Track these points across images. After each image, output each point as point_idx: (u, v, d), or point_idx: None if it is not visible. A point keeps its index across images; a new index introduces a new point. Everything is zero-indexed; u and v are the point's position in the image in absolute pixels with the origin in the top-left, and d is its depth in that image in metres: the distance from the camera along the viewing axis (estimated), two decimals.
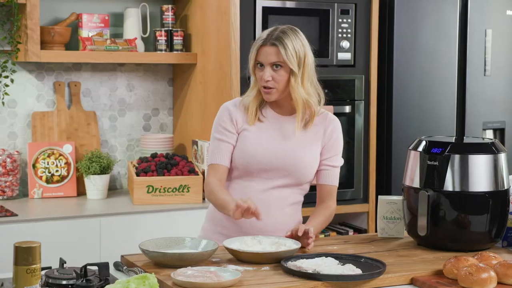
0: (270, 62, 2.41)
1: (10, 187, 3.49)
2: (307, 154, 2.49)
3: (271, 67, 2.42)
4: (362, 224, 3.91)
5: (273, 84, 2.43)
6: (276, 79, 2.42)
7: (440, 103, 3.93)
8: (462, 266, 2.03)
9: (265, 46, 2.42)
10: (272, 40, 2.42)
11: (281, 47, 2.41)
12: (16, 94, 3.60)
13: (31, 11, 3.35)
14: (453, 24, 3.93)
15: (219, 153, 2.48)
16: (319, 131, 2.51)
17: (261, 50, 2.43)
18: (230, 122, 2.49)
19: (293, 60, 2.42)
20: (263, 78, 2.42)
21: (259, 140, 2.47)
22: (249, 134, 2.48)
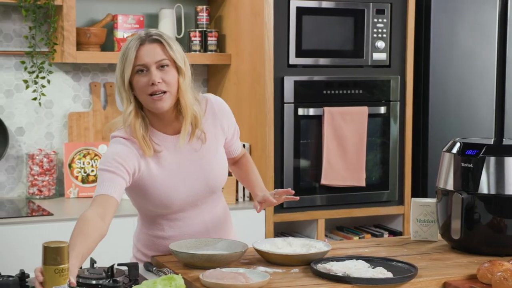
0: (155, 59, 2.05)
1: (47, 187, 3.53)
2: (218, 167, 2.25)
3: (157, 68, 2.06)
4: (397, 227, 3.86)
5: (165, 87, 2.06)
6: (167, 80, 2.06)
7: (478, 104, 3.86)
8: (496, 271, 1.99)
9: (144, 45, 2.06)
10: (151, 37, 2.08)
11: (164, 42, 2.08)
12: (53, 94, 3.64)
13: (67, 12, 3.39)
14: (492, 23, 3.85)
15: (111, 185, 2.03)
16: (216, 126, 2.23)
17: (141, 50, 2.05)
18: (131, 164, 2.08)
19: (179, 57, 2.09)
20: (150, 82, 2.04)
21: (170, 178, 2.15)
22: (155, 178, 2.13)
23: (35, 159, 3.52)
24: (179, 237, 2.27)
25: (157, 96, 2.07)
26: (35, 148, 3.61)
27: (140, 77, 2.07)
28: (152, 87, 2.06)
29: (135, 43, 2.07)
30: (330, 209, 3.65)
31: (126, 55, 2.07)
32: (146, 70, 2.07)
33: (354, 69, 3.67)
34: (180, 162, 2.20)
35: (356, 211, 3.71)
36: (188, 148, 2.21)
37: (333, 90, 3.61)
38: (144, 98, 2.09)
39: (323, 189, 3.62)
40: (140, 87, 2.07)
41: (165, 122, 2.16)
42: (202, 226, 2.31)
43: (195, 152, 2.21)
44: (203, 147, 2.23)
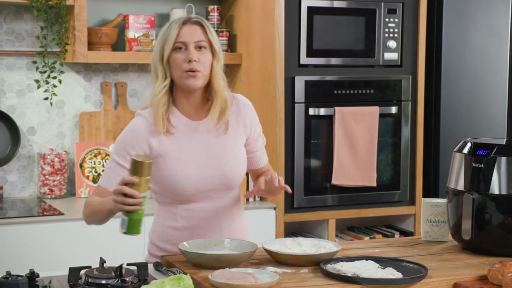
0: (195, 39, 2.17)
1: (58, 186, 3.55)
2: (236, 159, 2.28)
3: (195, 47, 2.17)
4: (408, 227, 3.85)
5: (200, 67, 2.16)
6: (202, 60, 2.17)
7: (490, 104, 3.84)
8: (507, 272, 1.97)
9: (187, 25, 2.18)
10: (193, 19, 2.21)
11: (205, 25, 2.20)
12: (64, 94, 3.65)
13: (79, 12, 3.40)
14: (505, 23, 3.83)
15: (111, 177, 2.19)
16: (239, 124, 2.29)
17: (183, 28, 2.17)
18: (139, 147, 2.18)
19: (217, 42, 2.22)
20: (188, 59, 2.15)
21: (182, 162, 2.20)
22: (168, 157, 2.20)
23: (47, 158, 3.53)
24: (191, 229, 2.29)
25: (192, 73, 2.17)
26: (47, 147, 3.63)
27: (179, 54, 2.18)
28: (189, 64, 2.16)
29: (178, 22, 2.19)
30: (341, 209, 3.64)
31: (168, 33, 2.18)
32: (185, 48, 2.18)
33: (365, 69, 3.66)
34: (195, 148, 2.24)
35: (367, 211, 3.70)
36: (207, 136, 2.25)
37: (344, 90, 3.60)
38: (179, 74, 2.18)
39: (334, 189, 3.61)
40: (177, 63, 2.17)
41: (192, 105, 2.24)
42: (215, 221, 2.31)
43: (213, 141, 2.26)
44: (222, 138, 2.27)
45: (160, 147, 2.21)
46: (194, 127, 2.25)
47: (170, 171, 2.22)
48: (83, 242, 3.12)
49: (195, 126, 2.25)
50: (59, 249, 3.09)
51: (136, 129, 2.21)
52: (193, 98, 2.24)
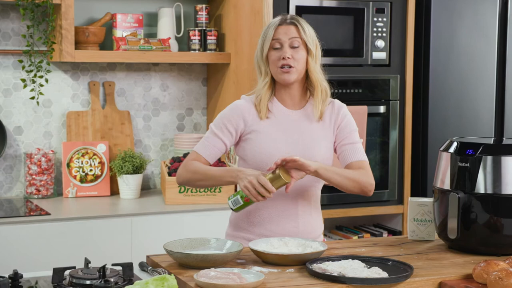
0: (289, 38, 2.39)
1: (45, 186, 3.53)
2: (323, 147, 2.44)
3: (289, 46, 2.40)
4: (396, 226, 3.85)
5: (293, 63, 2.39)
6: (296, 57, 2.39)
7: (478, 103, 3.84)
8: (492, 271, 1.98)
9: (282, 25, 2.42)
10: (288, 20, 2.43)
11: (299, 25, 2.42)
12: (51, 94, 3.63)
13: (66, 11, 3.38)
14: (492, 22, 3.84)
15: (208, 147, 2.43)
16: (331, 121, 2.47)
17: (279, 29, 2.41)
18: (235, 122, 2.43)
19: (311, 40, 2.43)
20: (282, 57, 2.38)
21: (273, 138, 2.41)
22: (261, 132, 2.42)
23: (33, 158, 3.51)
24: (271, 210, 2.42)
25: (286, 69, 2.39)
26: (33, 147, 3.61)
27: (275, 52, 2.41)
28: (282, 61, 2.38)
29: (275, 23, 2.43)
30: (330, 209, 3.63)
31: (266, 33, 2.43)
32: (280, 47, 2.40)
33: (353, 68, 3.66)
34: (286, 131, 2.43)
35: (355, 210, 3.69)
36: (299, 123, 2.44)
37: (333, 89, 3.58)
38: (275, 70, 2.42)
39: (323, 188, 3.58)
40: (273, 60, 2.41)
41: (291, 96, 2.46)
42: (293, 208, 2.43)
43: (304, 128, 2.44)
44: (313, 126, 2.44)
45: (254, 124, 2.43)
46: (289, 114, 2.46)
47: (261, 144, 2.41)
48: (70, 243, 3.11)
49: (290, 114, 2.46)
50: (45, 249, 3.07)
51: (237, 107, 2.46)
52: (291, 90, 2.46)
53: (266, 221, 2.43)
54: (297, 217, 2.45)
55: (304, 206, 2.46)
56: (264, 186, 2.22)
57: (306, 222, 2.47)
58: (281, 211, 2.44)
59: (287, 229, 2.42)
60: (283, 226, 2.43)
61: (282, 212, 2.44)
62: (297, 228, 2.44)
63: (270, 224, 2.43)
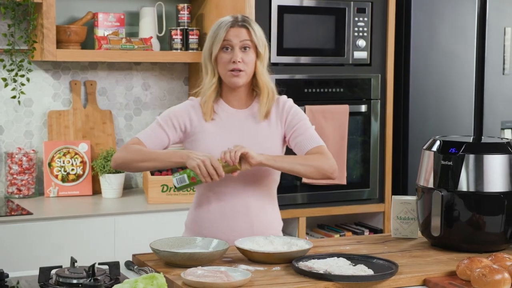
0: (240, 41, 2.36)
1: (26, 186, 3.51)
2: (271, 145, 2.41)
3: (240, 49, 2.37)
4: (378, 224, 3.88)
5: (243, 66, 2.37)
6: (246, 61, 2.37)
7: (457, 102, 3.89)
8: (475, 268, 2.01)
9: (234, 28, 2.38)
10: (240, 22, 2.39)
11: (250, 28, 2.39)
12: (33, 93, 3.61)
13: (47, 10, 3.36)
14: (471, 22, 3.89)
15: (152, 136, 2.42)
16: (277, 118, 2.44)
17: (230, 31, 2.37)
18: (182, 120, 2.42)
19: (261, 43, 2.41)
20: (232, 60, 2.35)
21: (217, 139, 2.39)
22: (206, 133, 2.41)
23: (14, 158, 3.49)
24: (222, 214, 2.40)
25: (236, 72, 2.36)
26: (14, 146, 3.59)
27: (225, 54, 2.37)
28: (233, 64, 2.36)
29: (226, 24, 2.38)
30: (311, 207, 3.66)
31: (217, 34, 2.39)
32: (231, 49, 2.37)
33: (335, 67, 3.68)
34: (232, 131, 2.41)
35: (337, 209, 3.72)
36: (245, 123, 2.42)
37: (315, 89, 3.62)
38: (224, 73, 2.39)
39: (305, 187, 3.63)
40: (223, 62, 2.38)
41: (237, 96, 2.44)
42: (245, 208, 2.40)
43: (250, 127, 2.42)
44: (259, 125, 2.42)
45: (199, 126, 2.43)
46: (234, 114, 2.44)
47: (206, 146, 2.39)
48: (53, 242, 3.09)
49: (235, 114, 2.44)
50: (28, 249, 3.05)
51: (186, 106, 2.47)
52: (238, 91, 2.44)
53: (217, 221, 2.40)
54: (249, 215, 2.42)
55: (257, 202, 2.42)
56: (215, 169, 2.23)
57: (261, 219, 2.43)
58: (232, 209, 2.40)
59: (240, 228, 2.39)
60: (236, 225, 2.39)
61: (234, 211, 2.40)
62: (251, 226, 2.40)
63: (222, 225, 2.40)
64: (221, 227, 2.41)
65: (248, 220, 2.42)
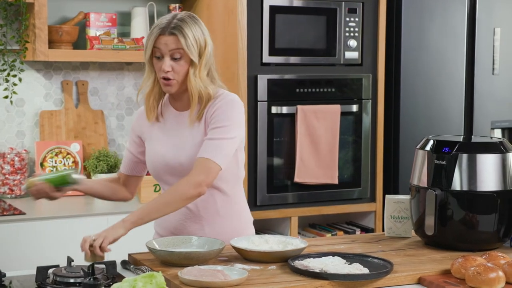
0: (170, 50, 2.27)
1: (18, 186, 3.50)
2: (189, 151, 2.33)
3: (170, 57, 2.28)
4: (369, 224, 3.90)
5: (173, 75, 2.29)
6: (176, 69, 2.28)
7: (448, 102, 3.92)
8: (470, 266, 2.03)
9: (163, 36, 2.27)
10: (170, 29, 2.26)
11: (181, 36, 2.26)
12: (24, 93, 3.61)
13: (39, 10, 3.36)
14: (461, 23, 3.92)
15: (123, 161, 2.53)
16: (206, 119, 2.34)
17: (160, 39, 2.27)
18: (136, 130, 2.46)
19: (194, 50, 2.28)
20: (162, 69, 2.29)
21: (161, 143, 2.37)
22: (152, 139, 2.40)
23: (6, 158, 3.48)
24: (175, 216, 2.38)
25: (166, 81, 2.32)
26: (6, 147, 3.58)
27: (157, 61, 2.32)
28: (163, 73, 2.31)
29: (157, 31, 2.29)
30: (303, 207, 3.67)
31: (148, 39, 2.32)
32: (161, 57, 2.30)
33: (326, 67, 3.70)
34: (174, 134, 2.38)
35: (328, 208, 3.73)
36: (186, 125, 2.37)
37: (306, 89, 3.63)
38: (158, 79, 2.35)
39: (296, 186, 3.64)
40: (156, 69, 2.34)
41: (176, 98, 2.41)
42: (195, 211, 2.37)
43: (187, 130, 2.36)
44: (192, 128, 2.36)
45: (148, 131, 2.43)
46: (176, 116, 2.41)
47: (153, 150, 2.41)
48: (46, 242, 3.09)
49: (177, 115, 2.41)
50: (20, 249, 3.05)
51: (136, 115, 2.49)
52: (178, 95, 2.39)
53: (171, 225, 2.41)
54: (200, 219, 2.38)
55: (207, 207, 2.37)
56: None
57: (212, 223, 2.38)
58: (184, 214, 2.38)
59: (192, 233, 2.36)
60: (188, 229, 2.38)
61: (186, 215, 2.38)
62: (202, 230, 2.37)
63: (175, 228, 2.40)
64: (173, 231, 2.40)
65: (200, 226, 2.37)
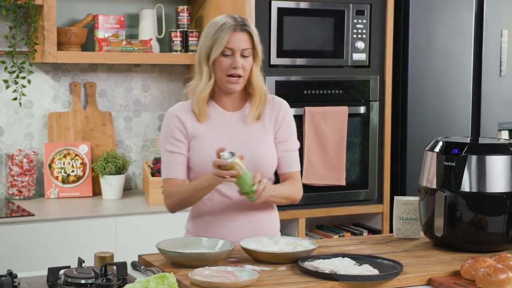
0: (242, 48, 2.32)
1: (27, 187, 3.51)
2: (266, 147, 2.41)
3: (240, 55, 2.32)
4: (376, 225, 3.90)
5: (242, 72, 2.33)
6: (245, 66, 2.33)
7: (455, 103, 3.92)
8: (480, 267, 2.03)
9: (236, 32, 2.31)
10: (241, 26, 2.33)
11: (253, 33, 2.34)
12: (33, 94, 3.62)
13: (48, 12, 3.37)
14: (469, 24, 3.92)
15: (174, 167, 2.38)
16: (270, 120, 2.43)
17: (233, 35, 2.31)
18: (179, 131, 2.38)
19: (260, 47, 2.37)
20: (233, 66, 2.31)
21: (214, 142, 2.34)
22: (201, 138, 2.38)
23: (15, 159, 3.49)
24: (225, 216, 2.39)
25: (234, 79, 2.33)
26: (15, 148, 3.59)
27: (225, 59, 2.32)
28: (233, 69, 2.32)
29: (229, 28, 2.30)
30: (311, 208, 3.68)
31: (217, 37, 2.31)
32: (231, 54, 2.31)
33: (334, 69, 3.70)
34: (227, 133, 2.39)
35: (336, 210, 3.74)
36: (239, 125, 2.40)
37: (314, 90, 3.64)
38: (222, 78, 2.34)
39: (304, 188, 3.61)
40: (223, 66, 2.32)
41: (231, 99, 2.41)
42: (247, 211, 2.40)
43: (245, 129, 2.40)
44: (253, 127, 2.40)
45: (194, 130, 2.38)
46: (226, 116, 2.41)
47: (201, 150, 2.37)
48: (54, 243, 3.10)
49: (228, 116, 2.41)
50: (29, 250, 3.06)
51: (172, 116, 2.40)
52: (232, 94, 2.41)
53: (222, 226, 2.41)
54: (251, 216, 2.43)
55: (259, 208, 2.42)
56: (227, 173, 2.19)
57: (262, 219, 2.45)
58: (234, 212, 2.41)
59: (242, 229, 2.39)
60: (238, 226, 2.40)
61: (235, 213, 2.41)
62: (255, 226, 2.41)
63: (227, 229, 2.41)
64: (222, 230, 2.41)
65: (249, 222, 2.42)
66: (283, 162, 2.46)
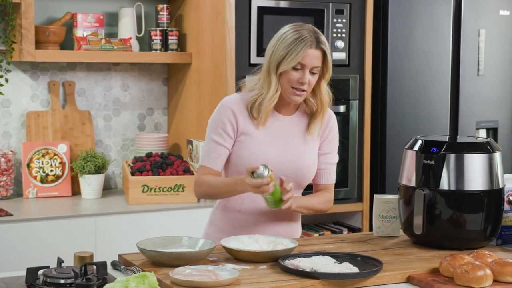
0: (314, 66, 2.35)
1: (5, 187, 3.48)
2: (310, 156, 2.47)
3: (310, 71, 2.36)
4: (356, 223, 3.92)
5: (307, 88, 2.38)
6: (311, 82, 2.38)
7: (433, 102, 3.95)
8: (458, 264, 2.05)
9: (311, 49, 2.33)
10: (318, 43, 2.35)
11: (327, 51, 2.38)
12: (11, 93, 3.59)
13: (25, 10, 3.35)
14: (447, 24, 3.95)
15: (215, 157, 2.42)
16: (319, 132, 2.50)
17: (308, 52, 2.33)
18: (230, 125, 2.41)
19: (331, 65, 2.42)
20: (300, 81, 2.34)
21: (261, 142, 2.41)
22: (251, 136, 2.41)
23: None
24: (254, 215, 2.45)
25: (299, 92, 2.37)
26: None
27: (294, 72, 2.35)
28: (299, 84, 2.35)
29: (306, 45, 2.32)
30: None
31: (292, 50, 2.32)
32: (301, 69, 2.34)
33: None
34: (276, 136, 2.43)
35: None
36: (290, 130, 2.45)
37: None
38: (287, 89, 2.38)
39: None
40: (290, 79, 2.35)
41: (287, 104, 2.44)
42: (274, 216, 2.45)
43: (294, 136, 2.45)
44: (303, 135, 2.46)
45: (245, 127, 2.41)
46: (279, 119, 2.45)
47: (249, 149, 2.40)
48: (33, 243, 3.08)
49: (281, 119, 2.46)
50: (7, 250, 3.03)
51: (227, 108, 2.42)
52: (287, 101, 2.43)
53: (249, 224, 2.45)
54: (278, 221, 2.48)
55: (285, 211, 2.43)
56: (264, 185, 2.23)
57: (287, 226, 2.50)
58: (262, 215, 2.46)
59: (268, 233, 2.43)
60: (265, 230, 2.45)
61: (263, 216, 2.46)
62: (277, 232, 2.45)
63: (252, 228, 2.45)
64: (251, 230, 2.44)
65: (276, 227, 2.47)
66: (322, 174, 2.53)
